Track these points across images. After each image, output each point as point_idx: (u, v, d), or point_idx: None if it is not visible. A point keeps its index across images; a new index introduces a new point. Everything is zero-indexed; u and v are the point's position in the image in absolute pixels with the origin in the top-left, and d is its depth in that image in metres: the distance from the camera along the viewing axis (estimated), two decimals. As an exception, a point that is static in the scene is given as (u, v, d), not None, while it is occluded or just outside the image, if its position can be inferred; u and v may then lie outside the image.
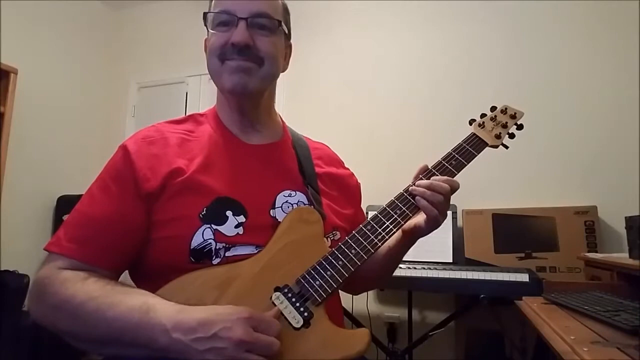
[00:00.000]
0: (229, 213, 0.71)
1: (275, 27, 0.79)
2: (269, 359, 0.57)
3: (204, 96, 2.91)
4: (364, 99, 2.47)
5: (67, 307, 0.61)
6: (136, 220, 0.70)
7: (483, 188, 2.05)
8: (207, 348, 0.55)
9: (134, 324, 0.58)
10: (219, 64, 0.78)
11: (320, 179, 0.86)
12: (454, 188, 0.76)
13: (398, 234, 0.81)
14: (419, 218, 0.77)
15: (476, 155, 0.82)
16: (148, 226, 0.70)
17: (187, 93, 2.99)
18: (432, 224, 0.76)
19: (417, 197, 0.74)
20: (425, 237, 0.80)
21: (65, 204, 2.70)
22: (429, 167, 0.79)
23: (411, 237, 0.82)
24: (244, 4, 0.77)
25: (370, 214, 0.76)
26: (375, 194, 1.37)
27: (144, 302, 0.60)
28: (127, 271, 0.74)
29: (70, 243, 0.67)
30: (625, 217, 1.30)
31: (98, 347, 0.63)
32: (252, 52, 0.76)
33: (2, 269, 2.28)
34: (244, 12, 0.76)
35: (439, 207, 0.74)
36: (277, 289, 0.67)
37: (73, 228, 0.69)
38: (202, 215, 0.70)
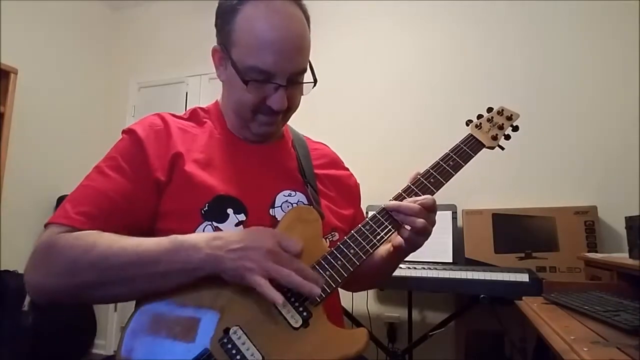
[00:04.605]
0: (229, 211, 0.71)
1: (304, 73, 0.76)
2: (288, 274, 0.60)
3: (204, 96, 2.91)
4: (364, 100, 2.48)
5: (89, 256, 0.60)
6: (148, 203, 0.70)
7: (483, 188, 2.05)
8: (240, 256, 0.60)
9: (167, 251, 0.61)
10: (250, 115, 0.76)
11: (319, 179, 0.86)
12: (426, 206, 0.71)
13: (389, 247, 0.81)
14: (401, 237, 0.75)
15: (473, 156, 0.82)
16: (155, 214, 0.70)
17: (187, 93, 2.99)
18: (411, 243, 0.74)
19: (393, 213, 0.72)
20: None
21: (65, 203, 2.70)
22: (428, 167, 0.79)
23: (398, 253, 0.80)
24: (284, 65, 0.70)
25: (370, 214, 0.75)
26: (375, 194, 1.36)
27: (170, 235, 0.63)
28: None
29: (80, 216, 0.65)
30: (625, 217, 1.30)
31: (125, 286, 0.62)
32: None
33: (2, 268, 2.29)
34: (283, 76, 0.71)
35: (416, 227, 0.70)
36: (276, 288, 0.67)
37: (82, 202, 0.66)
38: (204, 211, 0.70)
